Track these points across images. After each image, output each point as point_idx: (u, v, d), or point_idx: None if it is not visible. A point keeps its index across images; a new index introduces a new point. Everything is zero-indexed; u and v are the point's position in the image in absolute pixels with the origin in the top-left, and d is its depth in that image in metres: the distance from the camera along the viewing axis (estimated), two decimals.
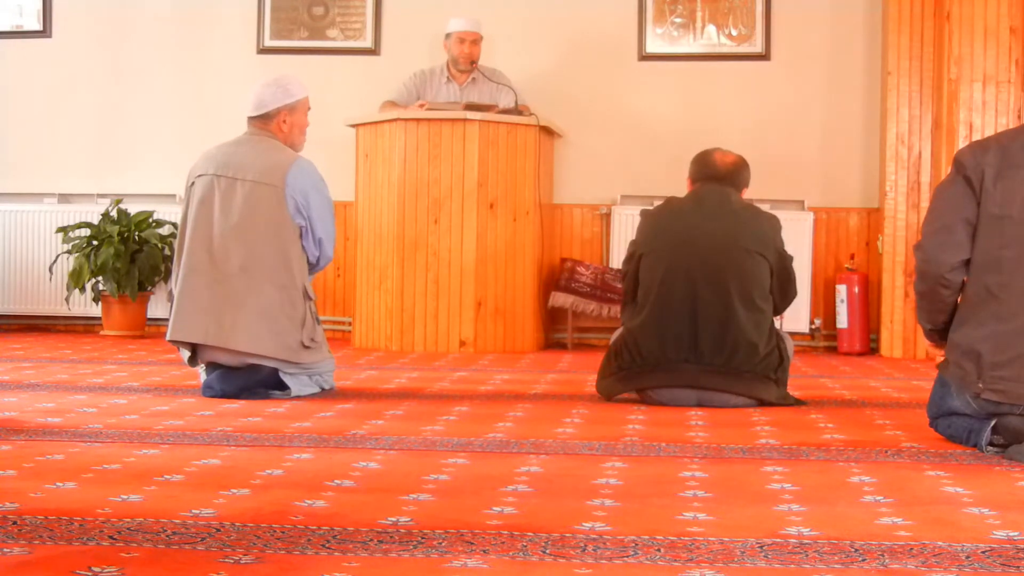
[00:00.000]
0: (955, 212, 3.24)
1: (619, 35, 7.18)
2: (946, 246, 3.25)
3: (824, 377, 5.28)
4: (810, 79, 7.09)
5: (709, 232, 4.14)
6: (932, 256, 3.27)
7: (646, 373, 4.10)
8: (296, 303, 4.15)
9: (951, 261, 3.25)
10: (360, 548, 2.03)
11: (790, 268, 4.23)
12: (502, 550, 2.03)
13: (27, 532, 2.10)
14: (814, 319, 6.95)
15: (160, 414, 3.68)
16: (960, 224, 3.23)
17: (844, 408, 4.13)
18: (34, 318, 7.47)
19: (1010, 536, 2.19)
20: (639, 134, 7.12)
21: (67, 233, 7.06)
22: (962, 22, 6.28)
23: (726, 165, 4.32)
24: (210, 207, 4.18)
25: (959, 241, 3.24)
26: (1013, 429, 3.09)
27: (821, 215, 7.01)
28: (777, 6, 7.09)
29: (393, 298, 6.30)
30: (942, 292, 3.29)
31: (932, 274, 3.28)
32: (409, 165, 6.27)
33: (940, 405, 3.35)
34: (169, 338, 4.20)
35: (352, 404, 4.01)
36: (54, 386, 4.38)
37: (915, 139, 6.63)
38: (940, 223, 3.27)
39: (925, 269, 3.31)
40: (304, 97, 4.37)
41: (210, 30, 7.43)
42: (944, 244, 3.25)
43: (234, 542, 2.05)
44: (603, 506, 2.41)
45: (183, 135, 7.26)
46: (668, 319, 4.07)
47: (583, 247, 7.12)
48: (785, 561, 1.99)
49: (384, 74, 7.07)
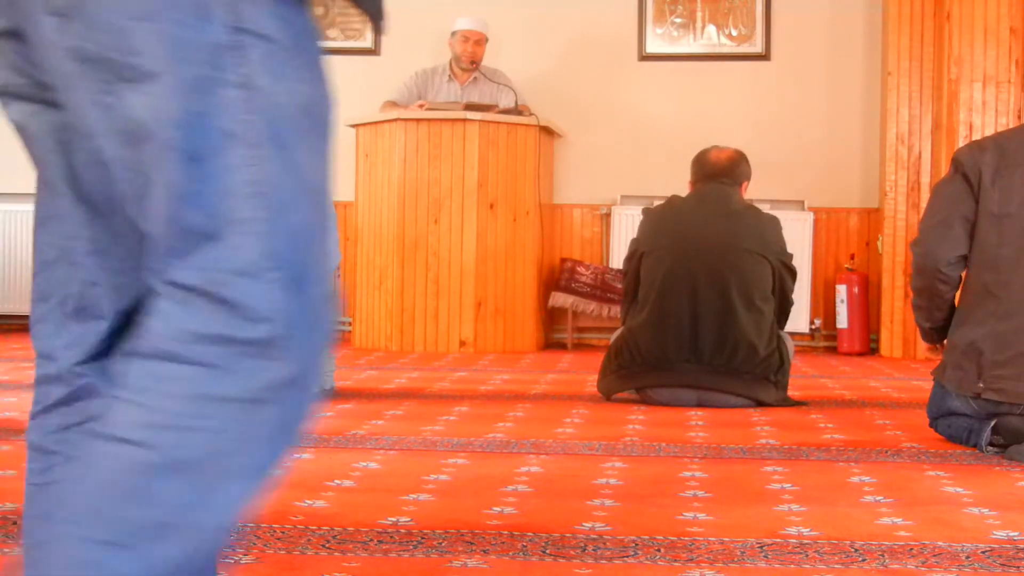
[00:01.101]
0: (953, 208, 3.25)
1: (619, 35, 7.18)
2: (943, 241, 3.25)
3: (824, 377, 5.28)
4: (810, 79, 7.09)
5: (710, 232, 4.14)
6: (929, 250, 3.28)
7: (646, 372, 4.10)
8: None
9: (948, 256, 3.25)
10: (360, 548, 2.03)
11: (789, 284, 4.23)
12: (502, 550, 2.03)
13: None
14: (814, 319, 6.95)
15: None
16: (958, 220, 3.24)
17: (844, 408, 4.13)
18: None
19: (1010, 536, 2.19)
20: (639, 134, 7.12)
21: None
22: (962, 22, 6.28)
23: (722, 161, 4.32)
24: None
25: (956, 236, 3.24)
26: (1013, 429, 3.09)
27: (821, 215, 7.01)
28: (777, 6, 7.09)
29: (393, 298, 6.30)
30: (940, 287, 3.30)
31: (929, 269, 3.29)
32: (409, 165, 6.27)
33: (940, 405, 3.35)
34: None
35: (352, 404, 4.01)
36: None
37: (915, 139, 6.63)
38: (937, 218, 3.28)
39: (923, 264, 3.31)
40: None
41: None
42: (942, 239, 3.26)
43: (233, 542, 2.05)
44: (603, 506, 2.41)
45: None
46: (668, 318, 4.07)
47: (583, 247, 7.12)
48: (785, 561, 1.99)
49: (384, 74, 7.07)
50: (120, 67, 0.97)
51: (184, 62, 0.97)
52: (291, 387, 1.03)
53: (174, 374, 0.99)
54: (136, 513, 0.97)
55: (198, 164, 0.98)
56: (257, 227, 1.00)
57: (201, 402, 0.99)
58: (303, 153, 1.03)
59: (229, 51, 0.99)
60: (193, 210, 0.99)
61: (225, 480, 1.00)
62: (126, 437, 0.98)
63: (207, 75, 0.98)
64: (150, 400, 0.99)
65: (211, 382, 0.99)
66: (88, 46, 0.98)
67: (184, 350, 0.99)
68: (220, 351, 0.99)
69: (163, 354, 0.99)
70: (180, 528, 0.98)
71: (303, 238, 1.02)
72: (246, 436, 1.01)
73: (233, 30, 0.99)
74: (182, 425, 0.98)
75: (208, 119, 0.98)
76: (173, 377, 0.99)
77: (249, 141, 0.99)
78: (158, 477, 0.97)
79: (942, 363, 3.33)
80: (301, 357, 1.02)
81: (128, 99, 0.97)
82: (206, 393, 0.99)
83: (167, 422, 0.98)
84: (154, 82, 0.97)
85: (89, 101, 0.99)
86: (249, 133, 1.00)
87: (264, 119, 1.00)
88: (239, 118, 0.99)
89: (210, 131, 0.98)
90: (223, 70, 0.98)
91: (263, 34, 1.00)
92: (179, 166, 0.98)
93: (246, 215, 0.99)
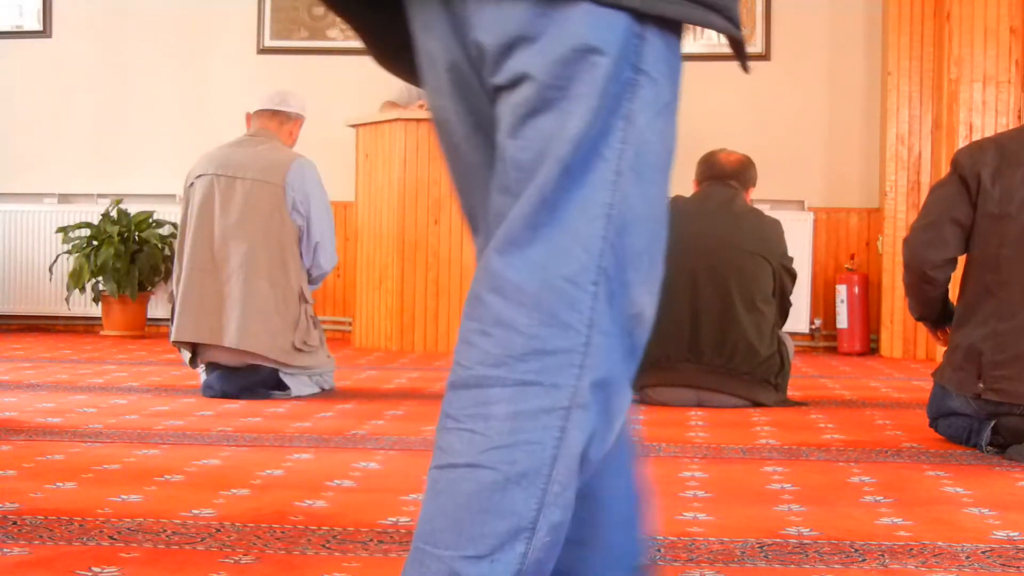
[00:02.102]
0: (944, 211, 3.25)
1: None
2: (931, 244, 3.26)
3: (824, 377, 5.28)
4: (810, 79, 7.09)
5: (712, 233, 4.14)
6: (917, 253, 3.29)
7: (646, 371, 4.10)
8: (290, 303, 4.13)
9: (934, 259, 3.26)
10: (360, 548, 2.03)
11: (789, 287, 4.23)
12: None
13: (27, 532, 2.10)
14: (814, 319, 6.95)
15: (160, 414, 3.68)
16: (947, 223, 3.24)
17: (844, 408, 4.13)
18: (34, 318, 7.47)
19: (1010, 536, 2.19)
20: None
21: (67, 233, 7.06)
22: (962, 22, 6.28)
23: (731, 164, 4.32)
24: (210, 207, 4.18)
25: (945, 239, 3.24)
26: (1013, 429, 3.09)
27: (821, 215, 7.01)
28: (777, 6, 7.09)
29: (393, 298, 6.30)
30: (926, 287, 3.32)
31: (916, 270, 3.30)
32: (409, 165, 6.27)
33: (940, 405, 3.36)
34: (173, 339, 4.20)
35: (352, 404, 4.01)
36: (54, 386, 4.38)
37: (915, 139, 6.63)
38: (927, 220, 3.29)
39: (910, 264, 3.33)
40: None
41: (210, 30, 7.43)
42: (929, 242, 3.26)
43: (234, 542, 2.05)
44: None
45: (183, 135, 7.26)
46: (669, 318, 4.07)
47: None
48: (785, 561, 1.99)
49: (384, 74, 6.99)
50: (548, 88, 1.12)
51: (601, 94, 1.12)
52: (601, 390, 1.12)
53: (495, 397, 1.11)
54: (492, 527, 1.09)
55: (568, 176, 1.12)
56: (593, 243, 1.12)
57: (522, 419, 1.10)
58: (653, 186, 1.17)
59: (628, 87, 1.13)
60: (545, 213, 1.12)
61: (557, 483, 1.10)
62: (471, 463, 1.10)
63: (608, 106, 1.12)
64: (477, 426, 1.11)
65: (529, 398, 1.10)
66: (522, 68, 1.13)
67: (503, 373, 1.11)
68: (536, 365, 1.10)
69: (479, 381, 1.12)
70: (529, 532, 1.10)
71: (632, 261, 1.15)
72: (568, 441, 1.10)
73: (635, 69, 1.13)
74: (510, 443, 1.10)
75: (593, 142, 1.12)
76: (494, 400, 1.11)
77: (615, 167, 1.13)
78: (503, 491, 1.09)
79: (942, 365, 3.33)
80: (608, 364, 1.13)
81: (542, 117, 1.13)
82: (524, 410, 1.10)
83: (498, 443, 1.10)
84: (572, 104, 1.11)
85: (507, 109, 1.15)
86: (618, 160, 1.13)
87: (633, 151, 1.14)
88: (615, 146, 1.13)
89: (591, 152, 1.12)
90: (619, 103, 1.13)
91: (654, 76, 1.14)
92: (554, 173, 1.12)
93: (589, 230, 1.12)
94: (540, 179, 1.13)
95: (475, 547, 1.09)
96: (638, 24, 1.13)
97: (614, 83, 1.12)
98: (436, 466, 1.13)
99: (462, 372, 1.13)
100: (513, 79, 1.14)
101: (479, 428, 1.10)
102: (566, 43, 1.11)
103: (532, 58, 1.12)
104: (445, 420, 1.14)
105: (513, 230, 1.13)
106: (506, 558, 1.09)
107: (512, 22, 1.13)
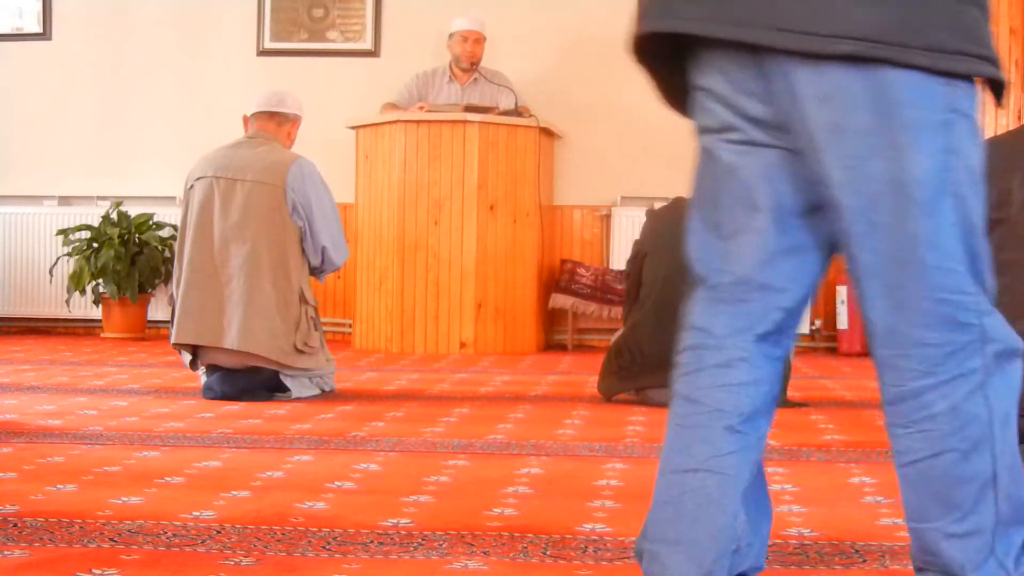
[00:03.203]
0: None
1: (619, 36, 7.15)
2: None
3: (824, 378, 5.28)
4: None
5: None
6: None
7: (646, 373, 4.10)
8: (291, 304, 4.13)
9: None
10: (360, 550, 2.03)
11: None
12: (502, 551, 2.03)
13: (27, 534, 2.10)
14: (814, 320, 6.95)
15: (160, 416, 3.68)
16: None
17: (844, 409, 4.13)
18: (34, 320, 7.47)
19: None
20: (639, 135, 7.10)
21: (67, 235, 7.06)
22: None
23: None
24: (210, 209, 4.17)
25: None
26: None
27: None
28: None
29: (393, 300, 6.30)
30: None
31: None
32: (409, 167, 6.27)
33: None
34: (174, 342, 4.20)
35: (352, 406, 4.01)
36: (54, 388, 4.38)
37: None
38: None
39: None
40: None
41: (210, 32, 7.43)
42: None
43: (234, 544, 2.05)
44: (603, 507, 2.41)
45: (183, 137, 7.26)
46: (669, 319, 4.04)
47: (583, 248, 7.12)
48: (786, 562, 1.99)
49: (384, 76, 7.07)
50: (875, 138, 1.41)
51: (924, 138, 1.41)
52: (1000, 355, 1.49)
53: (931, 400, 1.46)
54: (964, 493, 1.45)
55: (927, 211, 1.42)
56: (958, 261, 1.48)
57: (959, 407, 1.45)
58: (976, 200, 1.50)
59: (943, 126, 1.42)
60: (926, 249, 1.44)
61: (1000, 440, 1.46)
62: (934, 453, 1.47)
63: (931, 145, 1.41)
64: (926, 425, 1.47)
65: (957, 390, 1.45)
66: (843, 121, 1.41)
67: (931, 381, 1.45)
68: (953, 364, 1.45)
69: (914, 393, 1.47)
70: (992, 483, 1.45)
71: (981, 256, 1.56)
72: (994, 405, 1.46)
73: (949, 110, 1.42)
74: (959, 426, 1.45)
75: (932, 175, 1.42)
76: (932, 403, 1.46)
77: (953, 191, 1.44)
78: (964, 463, 1.45)
79: None
80: (997, 333, 1.53)
81: (871, 164, 1.41)
82: (958, 400, 1.45)
83: (948, 431, 1.45)
84: (900, 151, 1.40)
85: (835, 162, 1.42)
86: (954, 186, 1.44)
87: (961, 176, 1.44)
88: (948, 177, 1.43)
89: (933, 187, 1.42)
90: (939, 139, 1.42)
91: (966, 114, 1.44)
92: (918, 214, 1.42)
93: (953, 249, 1.46)
94: (901, 221, 1.45)
95: (959, 510, 1.45)
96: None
97: (933, 127, 1.42)
98: (901, 464, 1.53)
99: (895, 390, 1.48)
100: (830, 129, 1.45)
101: (928, 426, 1.46)
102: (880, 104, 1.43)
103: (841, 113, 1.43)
104: (894, 429, 1.51)
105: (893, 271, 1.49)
106: (983, 508, 1.44)
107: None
